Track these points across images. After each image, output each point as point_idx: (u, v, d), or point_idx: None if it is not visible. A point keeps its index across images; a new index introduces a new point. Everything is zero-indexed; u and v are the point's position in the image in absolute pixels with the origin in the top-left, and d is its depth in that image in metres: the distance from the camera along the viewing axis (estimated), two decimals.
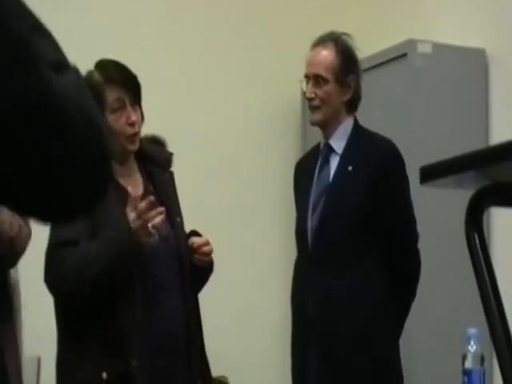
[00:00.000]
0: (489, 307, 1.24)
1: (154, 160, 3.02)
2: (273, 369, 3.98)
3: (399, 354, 3.22)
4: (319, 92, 3.29)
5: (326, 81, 3.27)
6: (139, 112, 2.87)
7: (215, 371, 4.08)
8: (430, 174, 1.38)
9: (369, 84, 3.59)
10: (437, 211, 4.03)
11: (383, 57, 4.41)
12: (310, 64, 3.32)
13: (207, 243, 2.91)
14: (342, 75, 3.27)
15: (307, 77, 3.31)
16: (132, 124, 2.82)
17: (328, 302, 3.15)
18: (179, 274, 2.84)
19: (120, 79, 2.82)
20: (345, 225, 3.19)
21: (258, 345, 4.28)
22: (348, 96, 3.30)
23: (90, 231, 2.71)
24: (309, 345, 3.19)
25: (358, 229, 3.18)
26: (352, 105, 3.33)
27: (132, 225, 2.65)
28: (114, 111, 2.80)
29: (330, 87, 3.28)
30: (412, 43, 4.27)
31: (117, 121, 2.81)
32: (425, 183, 1.38)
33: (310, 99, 3.31)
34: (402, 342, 3.27)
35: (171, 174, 3.04)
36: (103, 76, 2.80)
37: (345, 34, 3.35)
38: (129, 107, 2.82)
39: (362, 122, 3.37)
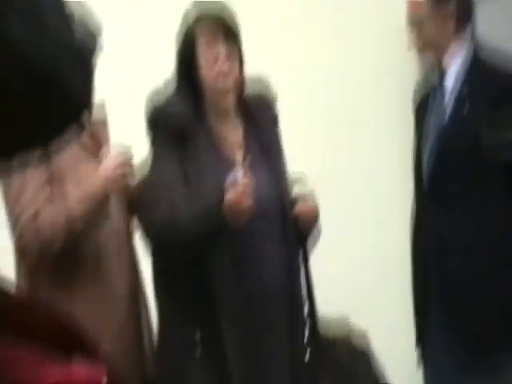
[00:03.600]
0: None
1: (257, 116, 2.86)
2: (394, 306, 3.80)
3: None
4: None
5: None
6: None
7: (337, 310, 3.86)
8: None
9: None
10: None
11: None
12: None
13: (313, 214, 2.78)
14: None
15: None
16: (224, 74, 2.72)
17: (445, 246, 3.01)
18: (281, 225, 2.72)
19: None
20: (461, 169, 3.02)
21: (380, 287, 4.06)
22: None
23: (184, 177, 2.65)
24: (429, 285, 3.10)
25: (476, 172, 2.99)
26: (460, 21, 3.10)
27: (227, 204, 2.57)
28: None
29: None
30: None
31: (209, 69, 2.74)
32: None
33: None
34: None
35: (275, 117, 2.87)
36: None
37: None
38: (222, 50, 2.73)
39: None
